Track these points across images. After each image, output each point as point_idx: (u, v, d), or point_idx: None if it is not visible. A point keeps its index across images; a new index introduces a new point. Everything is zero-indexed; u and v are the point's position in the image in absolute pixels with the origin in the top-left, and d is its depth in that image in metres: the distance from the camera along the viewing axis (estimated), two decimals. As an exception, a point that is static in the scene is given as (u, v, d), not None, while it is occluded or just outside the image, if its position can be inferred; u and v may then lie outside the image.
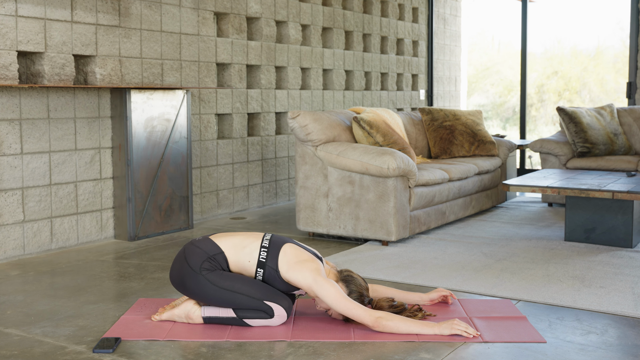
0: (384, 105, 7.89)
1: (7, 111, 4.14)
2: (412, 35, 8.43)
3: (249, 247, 2.91)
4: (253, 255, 2.90)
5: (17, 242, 4.22)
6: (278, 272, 2.88)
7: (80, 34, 4.50)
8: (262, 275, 2.90)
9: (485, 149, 5.94)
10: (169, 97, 4.94)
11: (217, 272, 2.86)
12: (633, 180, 4.67)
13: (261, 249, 2.91)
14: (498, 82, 14.22)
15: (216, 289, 2.83)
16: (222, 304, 2.85)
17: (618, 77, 13.00)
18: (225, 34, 5.72)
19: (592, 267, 3.87)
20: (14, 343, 2.72)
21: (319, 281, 2.80)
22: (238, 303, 2.84)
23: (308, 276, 2.81)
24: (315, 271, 2.83)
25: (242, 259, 2.90)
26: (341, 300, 2.78)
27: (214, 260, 2.88)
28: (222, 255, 2.90)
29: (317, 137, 4.66)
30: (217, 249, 2.90)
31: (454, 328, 2.73)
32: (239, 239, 2.95)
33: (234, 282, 2.84)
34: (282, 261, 2.88)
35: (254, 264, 2.90)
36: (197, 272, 2.85)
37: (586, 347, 2.66)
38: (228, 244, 2.92)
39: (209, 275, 2.84)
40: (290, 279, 2.86)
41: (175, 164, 4.99)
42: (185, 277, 2.87)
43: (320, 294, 2.79)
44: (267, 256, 2.89)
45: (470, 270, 3.82)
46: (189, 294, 2.90)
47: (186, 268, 2.87)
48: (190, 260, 2.87)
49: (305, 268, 2.84)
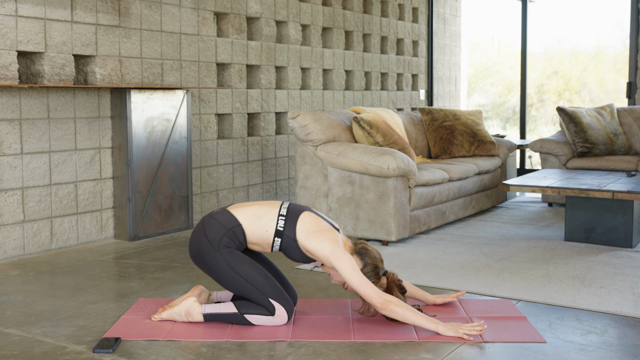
0: (384, 105, 7.89)
1: (7, 111, 4.14)
2: (412, 35, 8.43)
3: (266, 216, 2.88)
4: (271, 224, 2.86)
5: (17, 242, 4.22)
6: (296, 241, 2.85)
7: (80, 34, 4.50)
8: (279, 245, 2.87)
9: (485, 149, 5.94)
10: (169, 97, 4.94)
11: (236, 252, 2.84)
12: (633, 180, 4.67)
13: (279, 218, 2.87)
14: (498, 82, 14.21)
15: (230, 271, 2.81)
16: (231, 288, 2.84)
17: (618, 77, 13.00)
18: (225, 34, 5.72)
19: (592, 267, 3.87)
20: (14, 343, 2.72)
21: (336, 252, 2.78)
22: (245, 292, 2.82)
23: (326, 246, 2.79)
24: (333, 242, 2.81)
25: (260, 229, 2.87)
26: (356, 275, 2.76)
27: (232, 233, 2.85)
28: (240, 228, 2.86)
29: (317, 137, 4.66)
30: (235, 221, 2.87)
31: (458, 332, 2.73)
32: (256, 208, 2.91)
33: (249, 270, 2.82)
34: (300, 230, 2.85)
35: (271, 234, 2.86)
36: (216, 249, 2.83)
37: (586, 347, 2.66)
38: (245, 215, 2.88)
39: (227, 255, 2.82)
40: (308, 247, 2.83)
41: (175, 164, 4.99)
42: (204, 252, 2.85)
43: (336, 265, 2.78)
44: (284, 225, 2.86)
45: (470, 270, 3.82)
46: (205, 269, 2.88)
47: (205, 243, 2.85)
48: (209, 235, 2.85)
49: (324, 238, 2.82)
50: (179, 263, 4.08)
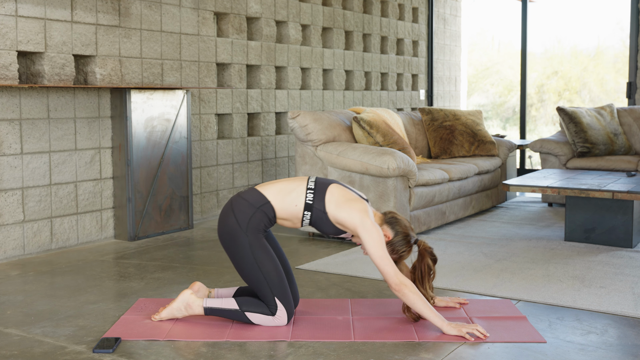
0: (384, 105, 7.89)
1: (7, 111, 4.14)
2: (412, 35, 8.43)
3: (294, 192, 2.87)
4: (300, 198, 2.86)
5: (17, 242, 4.22)
6: (326, 213, 2.84)
7: (80, 34, 4.50)
8: (309, 218, 2.86)
9: (485, 149, 5.94)
10: (169, 97, 4.94)
11: (261, 240, 2.84)
12: (633, 180, 4.67)
13: (307, 191, 2.86)
14: (498, 82, 14.22)
15: (251, 256, 2.80)
16: (245, 275, 2.84)
17: (618, 77, 13.00)
18: (225, 34, 5.72)
19: (592, 267, 3.87)
20: (14, 343, 2.72)
21: (365, 223, 2.78)
22: (255, 283, 2.82)
23: (355, 216, 2.79)
24: (362, 212, 2.81)
25: (289, 204, 2.86)
26: (379, 250, 2.76)
27: (261, 213, 2.84)
28: (269, 205, 2.85)
29: (317, 137, 4.66)
30: (263, 199, 2.85)
31: (461, 331, 2.74)
32: (284, 184, 2.91)
33: (267, 262, 2.82)
34: (329, 201, 2.84)
35: (300, 208, 2.86)
36: (244, 231, 2.82)
37: (586, 347, 2.66)
38: (273, 192, 2.88)
39: (252, 239, 2.81)
40: (338, 218, 2.82)
41: (175, 164, 4.99)
42: (231, 232, 2.83)
43: (363, 237, 2.78)
44: (313, 198, 2.85)
45: (470, 270, 3.82)
46: (228, 250, 2.87)
47: (233, 223, 2.83)
48: (238, 215, 2.84)
49: (353, 208, 2.82)
50: (179, 263, 4.08)
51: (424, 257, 2.93)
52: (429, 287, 2.96)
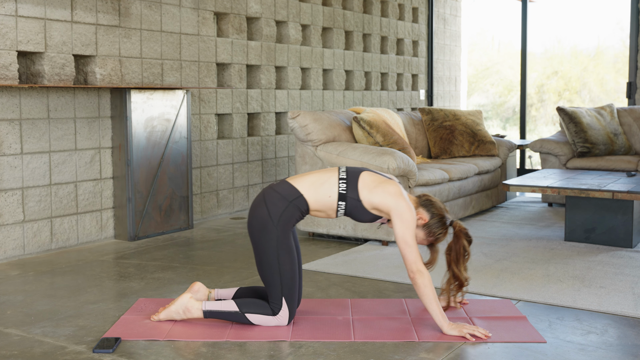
0: (384, 105, 7.89)
1: (7, 111, 4.14)
2: (412, 35, 8.43)
3: (327, 183, 2.87)
4: (333, 189, 2.86)
5: (17, 242, 4.22)
6: (360, 201, 2.84)
7: (80, 34, 4.50)
8: (344, 209, 2.86)
9: (485, 149, 5.94)
10: (169, 97, 4.94)
11: (289, 238, 2.84)
12: (633, 180, 4.67)
13: (340, 182, 2.86)
14: (498, 82, 14.22)
15: (274, 252, 2.79)
16: (262, 268, 2.83)
17: (618, 77, 13.00)
18: (225, 34, 5.72)
19: (592, 267, 3.87)
20: (14, 343, 2.72)
21: (399, 205, 2.78)
22: (268, 279, 2.81)
23: (389, 198, 2.80)
24: (396, 194, 2.81)
25: (322, 196, 2.86)
26: (407, 233, 2.77)
27: (293, 206, 2.84)
28: (302, 199, 2.85)
29: (317, 137, 4.66)
30: (296, 192, 2.85)
31: (461, 332, 2.74)
32: (316, 176, 2.91)
33: (287, 262, 2.82)
34: (363, 188, 2.84)
35: (334, 199, 2.85)
36: (274, 224, 2.81)
37: (586, 347, 2.66)
38: (305, 185, 2.87)
39: (281, 234, 2.81)
40: (373, 202, 2.82)
41: (175, 164, 4.99)
42: (261, 223, 2.82)
43: (394, 218, 2.78)
44: (346, 187, 2.85)
45: (470, 270, 3.82)
46: (254, 240, 2.86)
47: (265, 214, 2.82)
48: (271, 208, 2.83)
49: (387, 191, 2.82)
50: (179, 263, 4.08)
51: (460, 238, 2.93)
52: (464, 268, 2.94)
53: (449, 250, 2.95)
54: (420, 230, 2.92)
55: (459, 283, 2.95)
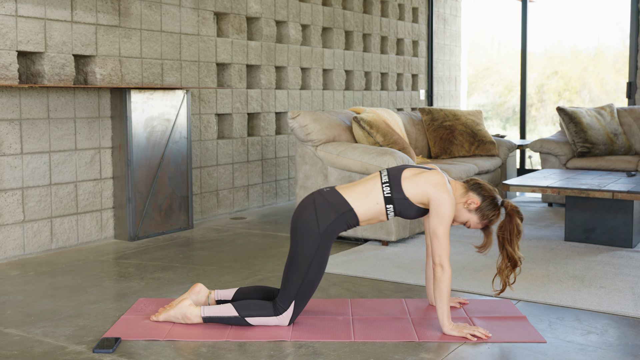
0: (384, 105, 7.89)
1: (7, 111, 4.14)
2: (412, 35, 8.44)
3: (373, 191, 2.87)
4: (379, 196, 2.86)
5: (17, 242, 4.22)
6: (407, 199, 2.84)
7: (80, 34, 4.50)
8: (393, 210, 2.86)
9: (485, 149, 5.94)
10: (169, 97, 4.94)
11: (327, 252, 2.84)
12: (633, 180, 4.67)
13: (383, 186, 2.86)
14: (498, 82, 14.22)
15: (308, 259, 2.79)
16: (289, 270, 2.83)
17: (618, 77, 13.00)
18: (225, 34, 5.72)
19: (592, 267, 3.87)
20: (14, 343, 2.72)
21: (439, 195, 2.79)
22: (290, 277, 2.81)
23: (430, 188, 2.81)
24: (437, 184, 2.81)
25: (370, 205, 2.86)
26: (440, 227, 2.77)
27: (341, 221, 2.84)
28: (352, 213, 2.85)
29: (317, 137, 4.66)
30: (346, 205, 2.85)
31: (462, 332, 2.75)
32: (361, 186, 2.90)
33: (317, 273, 2.81)
34: (406, 185, 2.85)
35: (382, 204, 2.86)
36: (320, 233, 2.81)
37: (586, 347, 2.66)
38: (354, 196, 2.87)
39: (322, 245, 2.81)
40: (418, 196, 2.82)
41: (175, 164, 4.99)
42: (307, 226, 2.82)
43: (432, 207, 2.79)
44: (391, 190, 2.85)
45: (470, 270, 3.82)
46: (293, 240, 2.86)
47: (312, 220, 2.82)
48: (320, 216, 2.83)
49: (429, 181, 2.82)
50: (179, 263, 4.08)
51: (513, 217, 2.89)
52: (517, 247, 2.90)
53: (502, 231, 2.89)
54: (474, 215, 2.91)
55: (512, 263, 2.88)
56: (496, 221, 2.95)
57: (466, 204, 2.90)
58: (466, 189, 2.92)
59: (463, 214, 2.91)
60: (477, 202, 2.89)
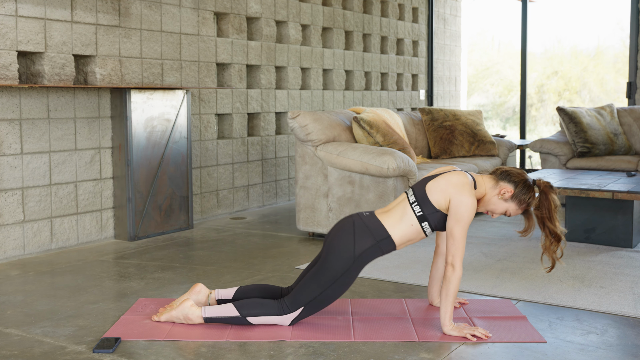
0: (384, 105, 7.89)
1: (7, 111, 4.14)
2: (412, 35, 8.44)
3: (405, 214, 2.86)
4: (411, 217, 2.85)
5: (17, 242, 4.22)
6: (439, 210, 2.83)
7: (80, 34, 4.50)
8: (429, 226, 2.85)
9: (485, 149, 5.94)
10: (169, 97, 4.94)
11: (356, 275, 2.84)
12: (633, 180, 4.67)
13: (412, 206, 2.86)
14: (498, 82, 14.22)
15: (335, 276, 2.79)
16: (310, 281, 2.82)
17: (618, 77, 13.01)
18: (225, 34, 5.72)
19: (592, 267, 3.87)
20: (14, 343, 2.72)
21: (459, 197, 2.78)
22: (308, 287, 2.81)
23: (450, 189, 2.80)
24: (458, 184, 2.81)
25: (406, 229, 2.85)
26: (457, 228, 2.76)
27: (377, 248, 2.83)
28: (389, 240, 2.84)
29: (317, 137, 4.66)
30: (384, 232, 2.84)
31: (461, 332, 2.75)
32: (395, 211, 2.88)
33: (336, 291, 2.82)
34: (433, 196, 2.83)
35: (416, 224, 2.85)
36: (354, 256, 2.80)
37: (586, 347, 2.66)
38: (390, 222, 2.86)
39: (353, 268, 2.80)
40: (445, 200, 2.81)
41: (175, 164, 4.99)
42: (341, 246, 2.81)
43: (451, 207, 2.78)
44: (421, 207, 2.85)
45: (470, 270, 3.82)
46: (326, 252, 2.85)
47: (350, 243, 2.81)
48: (358, 240, 2.82)
49: (450, 182, 2.81)
50: (179, 263, 4.08)
51: (548, 194, 2.86)
52: (557, 221, 2.87)
53: (540, 210, 2.86)
54: (511, 203, 2.88)
55: (556, 238, 2.85)
56: (534, 203, 2.90)
57: (500, 194, 2.88)
58: (496, 180, 2.90)
59: (500, 205, 2.90)
60: (510, 190, 2.87)
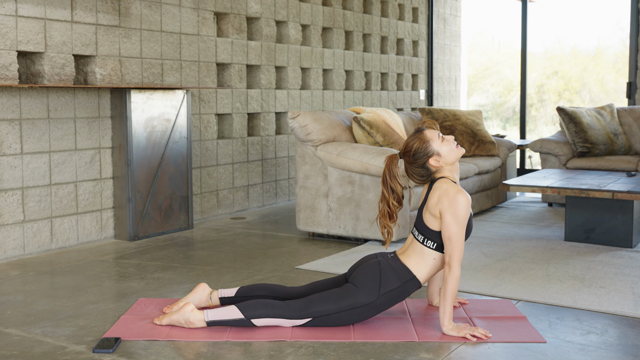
0: (384, 105, 7.89)
1: (7, 111, 4.14)
2: (412, 35, 8.44)
3: (423, 252, 2.88)
4: (429, 253, 2.87)
5: (17, 242, 4.22)
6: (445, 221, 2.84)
7: (80, 34, 4.50)
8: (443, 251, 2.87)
9: (485, 149, 5.94)
10: (169, 97, 4.94)
11: (375, 314, 2.86)
12: (633, 180, 4.67)
13: (424, 243, 2.87)
14: (498, 82, 14.22)
15: (356, 304, 2.80)
16: (331, 297, 2.83)
17: (618, 77, 13.01)
18: (225, 34, 5.72)
19: (592, 267, 3.87)
20: (14, 343, 2.73)
21: (446, 201, 2.79)
22: (327, 301, 2.82)
23: (443, 199, 2.81)
24: (446, 190, 2.82)
25: (429, 264, 2.87)
26: (453, 228, 2.77)
27: (402, 290, 2.85)
28: (414, 280, 2.86)
29: (317, 137, 4.66)
30: (409, 273, 2.86)
31: (461, 332, 2.75)
32: (414, 252, 2.89)
33: (353, 318, 2.84)
34: (435, 225, 2.85)
35: (437, 255, 2.87)
36: (378, 294, 2.82)
37: (586, 347, 2.66)
38: (413, 263, 2.87)
39: (378, 303, 2.82)
40: (447, 217, 2.82)
41: (175, 164, 4.99)
42: (368, 285, 2.82)
43: (446, 202, 2.79)
44: (432, 241, 2.86)
45: (470, 270, 3.82)
46: (350, 286, 2.85)
47: (375, 281, 2.83)
48: (384, 282, 2.83)
49: (443, 191, 2.82)
50: (179, 263, 4.08)
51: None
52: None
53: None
54: (441, 145, 2.90)
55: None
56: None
57: (437, 162, 2.90)
58: (435, 166, 2.91)
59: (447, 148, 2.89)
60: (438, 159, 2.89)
